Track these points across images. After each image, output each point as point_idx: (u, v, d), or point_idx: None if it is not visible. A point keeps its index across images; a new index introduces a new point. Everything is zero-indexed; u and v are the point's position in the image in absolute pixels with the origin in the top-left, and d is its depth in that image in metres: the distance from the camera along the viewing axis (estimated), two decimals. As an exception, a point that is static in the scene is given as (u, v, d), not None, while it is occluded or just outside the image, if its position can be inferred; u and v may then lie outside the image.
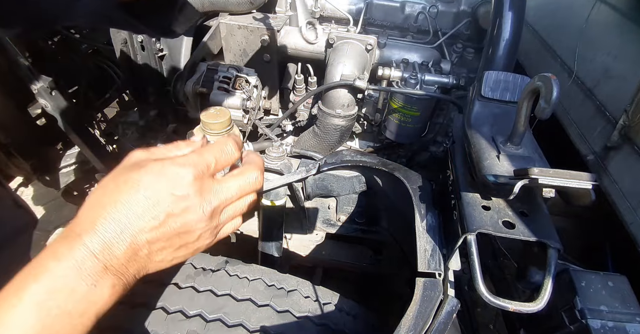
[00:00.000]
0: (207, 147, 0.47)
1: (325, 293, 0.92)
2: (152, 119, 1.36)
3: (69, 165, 1.26)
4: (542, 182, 0.56)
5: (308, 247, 1.41)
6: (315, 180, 1.15)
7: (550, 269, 0.59)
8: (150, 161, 0.42)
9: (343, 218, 1.24)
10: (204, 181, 0.43)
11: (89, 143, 1.10)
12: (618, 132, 0.75)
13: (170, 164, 0.42)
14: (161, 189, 0.40)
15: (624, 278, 0.64)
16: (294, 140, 1.31)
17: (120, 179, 0.41)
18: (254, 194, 0.50)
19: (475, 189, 0.71)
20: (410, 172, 0.95)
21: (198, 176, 0.43)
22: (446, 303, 0.67)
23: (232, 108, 1.06)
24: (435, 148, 1.31)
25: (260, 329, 0.78)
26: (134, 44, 1.20)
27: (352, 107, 1.12)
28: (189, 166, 0.43)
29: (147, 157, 0.44)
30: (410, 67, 1.13)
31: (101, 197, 0.40)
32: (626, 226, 0.69)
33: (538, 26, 1.27)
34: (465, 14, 1.32)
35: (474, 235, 0.62)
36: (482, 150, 0.70)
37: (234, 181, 0.47)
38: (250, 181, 0.48)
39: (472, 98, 0.83)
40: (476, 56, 1.28)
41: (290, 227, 1.31)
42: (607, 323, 0.58)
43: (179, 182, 0.41)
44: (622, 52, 0.83)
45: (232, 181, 0.47)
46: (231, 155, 0.48)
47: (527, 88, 0.61)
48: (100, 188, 0.41)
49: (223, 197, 0.45)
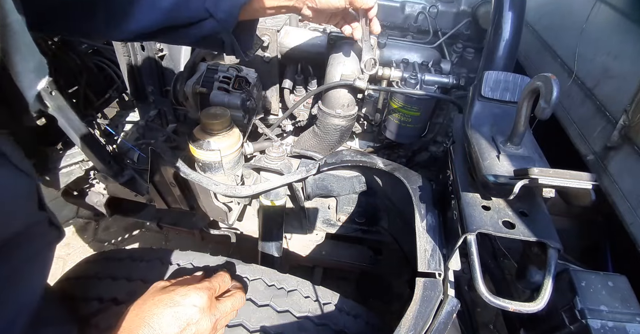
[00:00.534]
0: (213, 278, 0.70)
1: (325, 293, 0.92)
2: (152, 119, 1.36)
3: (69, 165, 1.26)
4: (542, 182, 0.56)
5: (308, 247, 1.41)
6: (315, 180, 1.15)
7: (550, 269, 0.59)
8: (177, 286, 0.63)
9: (343, 218, 1.24)
10: (212, 301, 0.64)
11: (89, 143, 1.10)
12: (618, 132, 0.75)
13: (192, 288, 0.63)
14: (186, 304, 0.59)
15: (624, 278, 0.64)
16: (294, 140, 1.31)
17: (154, 299, 0.59)
18: (239, 306, 0.72)
19: (475, 189, 0.71)
20: (410, 172, 0.95)
21: (209, 297, 0.64)
22: (446, 303, 0.67)
23: (232, 108, 1.06)
24: (435, 148, 1.31)
25: (260, 329, 0.78)
26: (134, 43, 1.20)
27: (352, 107, 1.12)
28: (205, 289, 0.64)
29: (171, 284, 0.65)
30: (410, 67, 1.13)
31: (140, 313, 0.57)
32: (626, 226, 0.69)
33: (538, 26, 1.27)
34: (465, 14, 1.32)
35: (474, 235, 0.62)
36: (482, 150, 0.70)
37: (229, 300, 0.69)
38: (238, 300, 0.72)
39: (472, 98, 0.83)
40: (476, 56, 1.28)
41: (290, 227, 1.31)
42: (607, 323, 0.58)
43: (198, 300, 0.61)
44: (622, 52, 0.83)
45: (228, 301, 0.69)
46: (228, 283, 0.73)
47: (527, 88, 0.61)
48: (138, 306, 0.59)
49: (223, 311, 0.66)
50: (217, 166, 1.01)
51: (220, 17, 0.67)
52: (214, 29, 0.68)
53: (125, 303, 0.81)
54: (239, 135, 1.02)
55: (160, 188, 1.17)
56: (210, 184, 0.98)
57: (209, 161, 0.99)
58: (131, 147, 1.36)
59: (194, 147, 0.97)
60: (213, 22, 0.67)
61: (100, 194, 1.48)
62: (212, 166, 1.01)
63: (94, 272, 0.91)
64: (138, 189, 1.30)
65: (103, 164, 1.18)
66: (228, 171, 1.04)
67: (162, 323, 0.55)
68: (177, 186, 1.11)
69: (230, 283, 0.73)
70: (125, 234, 2.21)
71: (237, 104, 1.07)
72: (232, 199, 1.12)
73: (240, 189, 0.99)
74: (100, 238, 2.19)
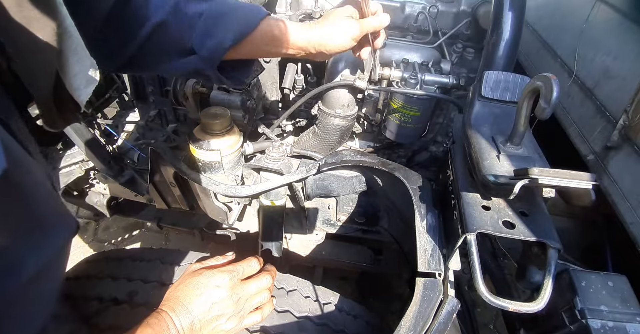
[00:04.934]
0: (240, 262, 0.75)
1: (325, 293, 0.92)
2: (152, 119, 1.36)
3: (69, 165, 1.26)
4: (542, 182, 0.56)
5: (308, 248, 1.41)
6: (315, 180, 1.15)
7: (550, 269, 0.59)
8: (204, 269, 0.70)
9: (343, 218, 1.24)
10: (235, 282, 0.70)
11: (89, 143, 1.10)
12: (618, 132, 0.75)
13: (217, 271, 0.70)
14: (211, 286, 0.67)
15: (624, 278, 0.64)
16: (294, 140, 1.30)
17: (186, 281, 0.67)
18: (268, 292, 0.76)
19: (475, 189, 0.71)
20: (410, 172, 0.95)
21: (232, 278, 0.70)
22: (446, 303, 0.67)
23: (232, 108, 1.06)
24: (435, 148, 1.31)
25: (260, 329, 0.78)
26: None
27: (352, 107, 1.12)
28: (228, 271, 0.70)
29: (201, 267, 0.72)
30: (410, 67, 1.13)
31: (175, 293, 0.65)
32: (626, 226, 0.69)
33: (538, 26, 1.27)
34: (465, 14, 1.32)
35: (474, 235, 0.62)
36: (482, 150, 0.70)
37: (253, 282, 0.73)
38: (264, 282, 0.75)
39: (472, 98, 0.83)
40: (476, 56, 1.28)
41: (290, 227, 1.31)
42: (607, 322, 0.58)
43: (221, 282, 0.68)
44: (622, 52, 0.83)
45: (252, 282, 0.73)
46: (254, 268, 0.76)
47: (527, 88, 0.61)
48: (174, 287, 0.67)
49: (247, 292, 0.71)
50: (217, 166, 1.01)
51: (203, 55, 0.66)
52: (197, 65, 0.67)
53: (126, 303, 0.81)
54: (239, 135, 1.02)
55: (160, 188, 1.17)
56: (210, 184, 0.98)
57: (209, 161, 0.99)
58: (131, 147, 1.36)
59: (194, 147, 0.97)
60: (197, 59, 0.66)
61: (100, 194, 1.48)
62: (212, 166, 1.01)
63: (94, 272, 0.92)
64: (138, 189, 1.30)
65: (103, 164, 1.18)
66: (228, 171, 1.04)
67: (192, 302, 0.63)
68: (177, 186, 1.11)
69: (257, 267, 0.77)
70: (125, 234, 2.21)
71: (237, 104, 1.07)
72: (232, 199, 1.12)
73: (240, 189, 0.99)
74: (100, 238, 2.19)
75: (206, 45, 0.65)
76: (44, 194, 0.38)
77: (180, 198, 1.18)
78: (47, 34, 0.42)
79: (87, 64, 0.48)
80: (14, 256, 0.32)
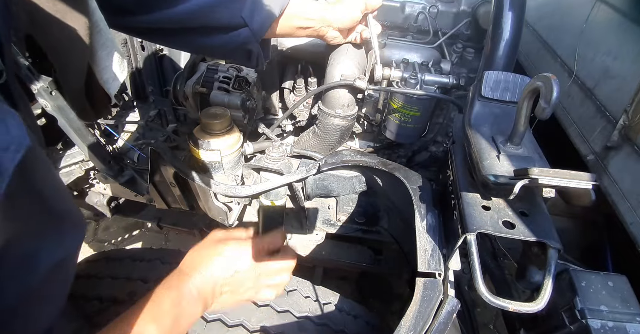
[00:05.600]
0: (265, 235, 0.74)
1: (325, 293, 0.92)
2: (152, 119, 1.36)
3: (69, 165, 1.25)
4: (542, 182, 0.56)
5: (308, 247, 1.41)
6: (315, 180, 1.15)
7: (550, 269, 0.59)
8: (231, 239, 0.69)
9: (343, 218, 1.24)
10: (258, 255, 0.69)
11: (89, 143, 1.10)
12: (618, 132, 0.75)
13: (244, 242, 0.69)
14: (235, 256, 0.66)
15: (624, 278, 0.64)
16: (294, 140, 1.30)
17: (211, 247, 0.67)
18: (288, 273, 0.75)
19: (475, 189, 0.71)
20: (410, 172, 0.95)
21: (256, 251, 0.69)
22: (446, 303, 0.67)
23: (232, 108, 1.06)
24: (435, 148, 1.31)
25: (260, 329, 0.78)
26: (134, 44, 1.20)
27: (352, 107, 1.12)
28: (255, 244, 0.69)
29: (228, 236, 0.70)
30: (410, 67, 1.13)
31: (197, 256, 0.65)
32: (626, 226, 0.69)
33: (538, 26, 1.26)
34: (465, 14, 1.32)
35: (474, 235, 0.62)
36: (482, 150, 0.70)
37: (276, 261, 0.73)
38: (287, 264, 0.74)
39: (472, 98, 0.83)
40: (476, 56, 1.28)
41: (290, 227, 1.31)
42: (607, 323, 0.58)
43: (244, 253, 0.68)
44: (622, 52, 0.83)
45: (275, 260, 0.73)
46: (277, 244, 0.75)
47: (527, 88, 0.61)
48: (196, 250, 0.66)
49: (269, 268, 0.71)
50: (217, 166, 1.01)
51: (254, 27, 0.71)
52: (247, 38, 0.72)
53: (126, 303, 0.81)
54: (239, 135, 1.02)
55: (160, 188, 1.17)
56: (210, 184, 0.98)
57: (209, 161, 0.99)
58: (131, 147, 1.36)
59: (194, 147, 0.97)
60: (247, 31, 0.71)
61: (100, 194, 1.48)
62: (212, 166, 1.01)
63: (94, 272, 0.92)
64: (138, 189, 1.30)
65: (103, 164, 1.18)
66: (228, 171, 1.04)
67: (212, 269, 0.63)
68: (177, 186, 1.11)
69: (282, 242, 0.76)
70: (125, 234, 2.21)
71: (237, 104, 1.07)
72: (232, 199, 1.12)
73: (240, 189, 0.99)
74: (100, 238, 2.19)
75: (255, 17, 0.70)
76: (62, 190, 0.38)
77: (180, 198, 1.18)
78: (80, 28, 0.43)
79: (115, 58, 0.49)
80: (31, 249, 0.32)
